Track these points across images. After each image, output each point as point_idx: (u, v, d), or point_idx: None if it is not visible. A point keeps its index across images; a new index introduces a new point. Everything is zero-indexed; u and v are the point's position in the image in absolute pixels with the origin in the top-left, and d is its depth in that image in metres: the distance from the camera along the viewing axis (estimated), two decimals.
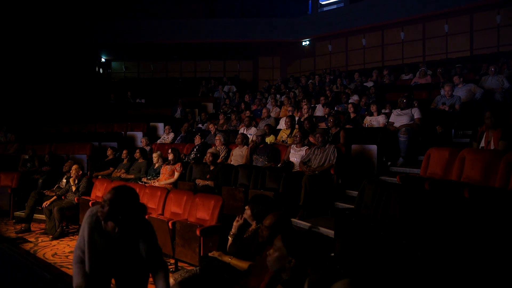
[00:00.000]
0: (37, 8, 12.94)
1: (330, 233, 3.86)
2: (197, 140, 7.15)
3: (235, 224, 2.92)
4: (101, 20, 15.27)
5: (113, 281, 2.37)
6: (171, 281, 2.72)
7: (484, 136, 4.11)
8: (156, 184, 5.70)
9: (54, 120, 11.13)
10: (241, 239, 2.84)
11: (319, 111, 7.86)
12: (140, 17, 15.76)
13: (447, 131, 5.84)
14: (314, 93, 9.99)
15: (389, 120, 5.94)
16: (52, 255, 4.74)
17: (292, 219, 4.46)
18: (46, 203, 5.73)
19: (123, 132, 9.57)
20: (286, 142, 6.18)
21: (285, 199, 4.56)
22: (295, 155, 5.39)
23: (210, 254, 2.83)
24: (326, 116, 6.66)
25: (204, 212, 4.21)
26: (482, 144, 4.11)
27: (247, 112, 8.64)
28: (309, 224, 4.35)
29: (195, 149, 6.87)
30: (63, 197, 5.96)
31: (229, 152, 6.33)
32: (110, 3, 15.93)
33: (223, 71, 17.04)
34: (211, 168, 5.51)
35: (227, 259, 2.70)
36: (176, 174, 5.86)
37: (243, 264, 2.61)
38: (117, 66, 17.90)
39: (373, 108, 6.34)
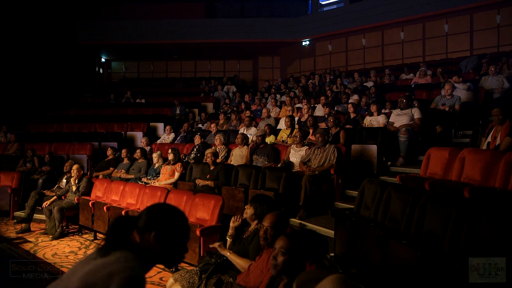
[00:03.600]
0: (37, 8, 12.94)
1: (330, 233, 3.86)
2: (197, 140, 7.16)
3: (231, 225, 2.91)
4: (101, 20, 15.27)
5: None
6: (171, 281, 2.72)
7: (492, 131, 4.08)
8: (156, 184, 5.70)
9: (54, 120, 11.14)
10: (240, 239, 2.84)
11: (319, 111, 7.86)
12: (140, 17, 15.76)
13: (447, 131, 5.84)
14: (314, 93, 9.99)
15: (389, 120, 5.94)
16: (52, 255, 4.73)
17: (292, 219, 4.46)
18: (46, 203, 5.73)
19: (123, 132, 9.58)
20: (286, 142, 6.17)
21: (285, 199, 4.56)
22: (295, 155, 5.38)
23: (211, 246, 2.84)
24: (326, 116, 6.65)
25: (204, 212, 4.21)
26: (489, 139, 4.08)
27: (247, 112, 8.64)
28: (309, 224, 4.35)
29: (195, 149, 6.87)
30: (63, 197, 5.96)
31: (229, 152, 6.33)
32: (110, 3, 15.94)
33: (223, 71, 17.05)
34: (211, 168, 5.51)
35: (226, 252, 2.70)
36: (176, 174, 5.86)
37: (240, 261, 2.61)
38: (117, 66, 17.91)
39: (373, 108, 6.33)
